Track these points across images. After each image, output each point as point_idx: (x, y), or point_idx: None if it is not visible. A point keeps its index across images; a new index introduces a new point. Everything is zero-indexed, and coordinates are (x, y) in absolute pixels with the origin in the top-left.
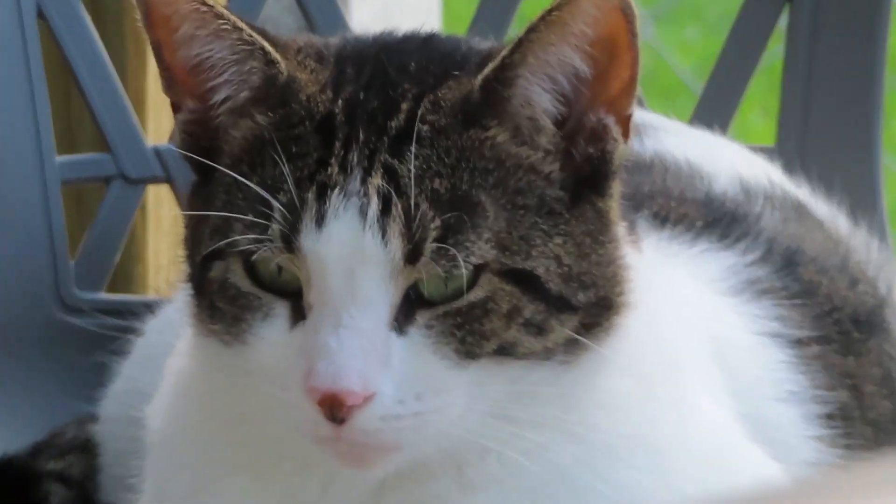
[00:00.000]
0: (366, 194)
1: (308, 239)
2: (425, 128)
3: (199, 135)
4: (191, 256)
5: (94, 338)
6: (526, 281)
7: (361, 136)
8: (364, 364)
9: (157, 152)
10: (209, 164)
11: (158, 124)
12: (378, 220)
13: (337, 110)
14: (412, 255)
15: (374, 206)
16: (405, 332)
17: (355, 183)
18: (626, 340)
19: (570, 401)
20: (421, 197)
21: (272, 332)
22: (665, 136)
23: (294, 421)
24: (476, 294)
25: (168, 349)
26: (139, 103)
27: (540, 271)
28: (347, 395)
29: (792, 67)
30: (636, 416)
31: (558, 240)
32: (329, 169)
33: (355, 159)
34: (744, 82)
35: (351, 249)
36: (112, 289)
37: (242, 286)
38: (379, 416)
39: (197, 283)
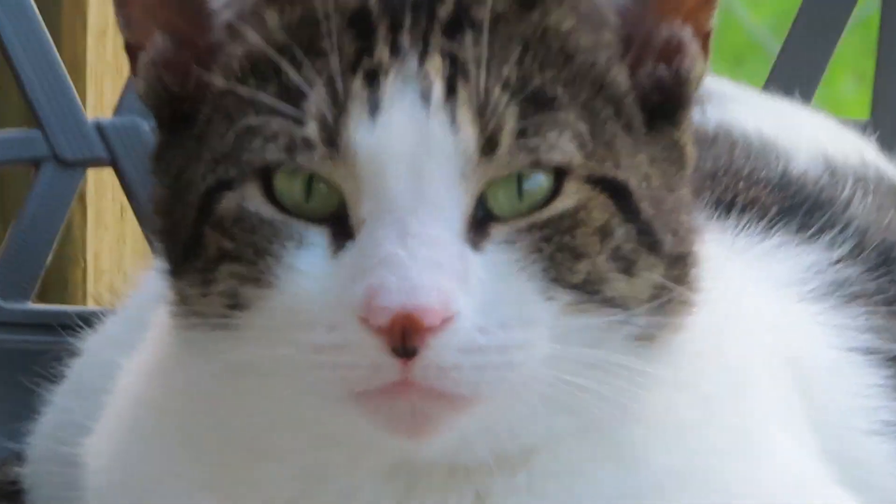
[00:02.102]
0: (426, 77)
1: (360, 132)
2: (481, 12)
3: (170, 77)
4: (171, 231)
5: (20, 358)
6: (617, 194)
7: (408, 22)
8: (441, 278)
9: (99, 128)
10: (191, 106)
11: (100, 95)
12: (445, 104)
13: (371, 2)
14: (488, 146)
15: (438, 88)
16: (481, 248)
17: (412, 64)
18: (683, 352)
19: (638, 390)
20: (490, 81)
21: (309, 262)
22: (733, 105)
23: (343, 372)
24: (564, 203)
25: (111, 372)
26: (76, 69)
27: (633, 184)
28: (425, 312)
29: (890, 23)
30: (694, 444)
31: (643, 157)
32: (376, 55)
33: (407, 43)
34: (830, 41)
35: (415, 140)
36: (42, 298)
37: (265, 213)
38: (459, 345)
39: (190, 244)
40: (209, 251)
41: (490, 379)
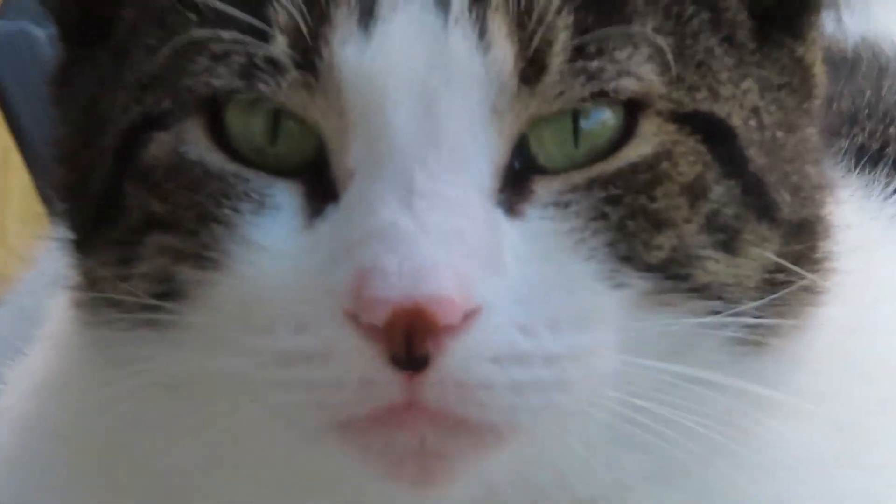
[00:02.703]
0: None
1: (348, 48)
2: None
3: None
4: (78, 187)
5: None
6: (715, 137)
7: None
8: (462, 254)
9: None
10: (109, 9)
11: None
12: (470, 8)
13: None
14: (532, 69)
15: None
16: (519, 212)
17: None
18: (807, 365)
19: (737, 420)
20: None
21: (273, 233)
22: (882, 11)
23: (321, 392)
24: (639, 149)
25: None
26: None
27: (736, 122)
28: (440, 304)
29: None
30: (821, 496)
31: (751, 84)
32: None
33: None
34: None
35: (426, 60)
36: None
37: (211, 162)
38: (489, 351)
39: (104, 205)
40: (131, 216)
41: (533, 403)
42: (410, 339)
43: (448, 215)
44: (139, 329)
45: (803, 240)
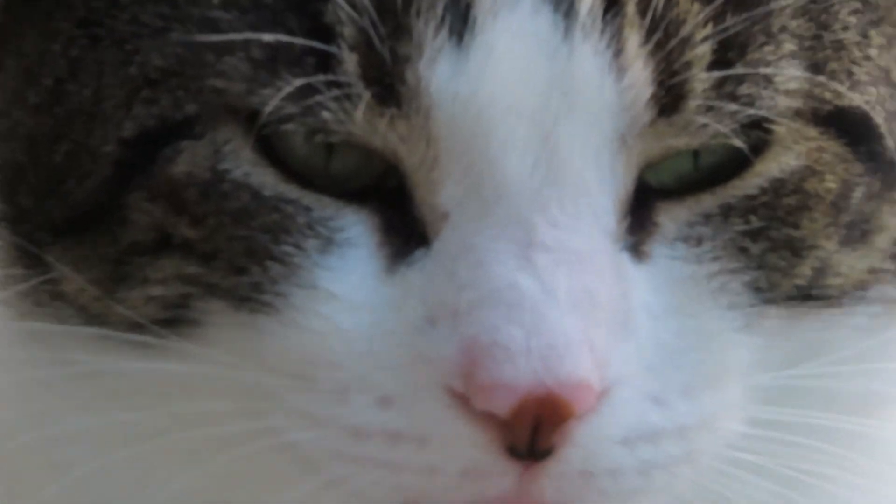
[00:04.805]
0: None
1: (440, 66)
2: None
3: None
4: (44, 185)
5: None
6: (855, 135)
7: None
8: (594, 322)
9: None
10: None
11: None
12: (601, 22)
13: None
14: (670, 99)
15: None
16: (645, 253)
17: None
18: None
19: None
20: None
21: (347, 278)
22: None
23: (411, 473)
24: (778, 161)
25: None
26: None
27: (876, 112)
28: (577, 389)
29: None
30: None
31: (877, 37)
32: None
33: None
34: None
35: (544, 80)
36: None
37: (262, 184)
38: (619, 432)
39: (94, 213)
40: (140, 234)
41: (658, 483)
42: (536, 430)
43: (575, 272)
44: (126, 350)
45: None
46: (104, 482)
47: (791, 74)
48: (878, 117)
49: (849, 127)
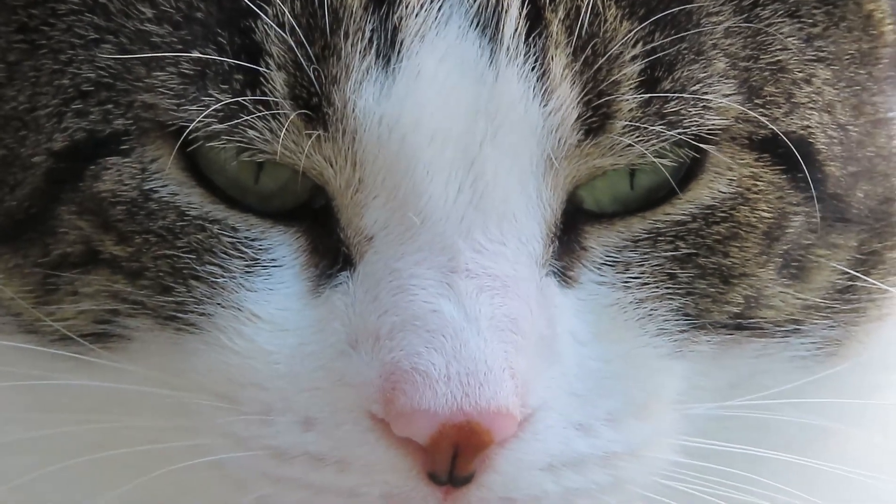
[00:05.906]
0: None
1: (366, 89)
2: None
3: None
4: None
5: None
6: (793, 162)
7: None
8: (515, 348)
9: None
10: None
11: None
12: (525, 43)
13: None
14: (598, 120)
15: (514, 11)
16: (572, 278)
17: None
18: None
19: (814, 436)
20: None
21: (272, 300)
22: None
23: (331, 495)
24: (711, 187)
25: None
26: None
27: (816, 136)
28: (497, 417)
29: None
30: None
31: (822, 70)
32: None
33: None
34: None
35: (468, 104)
36: None
37: (188, 204)
38: (542, 459)
39: (27, 221)
40: (69, 247)
41: None
42: (455, 457)
43: (499, 298)
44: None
45: (881, 220)
46: (42, 493)
47: (721, 92)
48: (820, 143)
49: (787, 153)
